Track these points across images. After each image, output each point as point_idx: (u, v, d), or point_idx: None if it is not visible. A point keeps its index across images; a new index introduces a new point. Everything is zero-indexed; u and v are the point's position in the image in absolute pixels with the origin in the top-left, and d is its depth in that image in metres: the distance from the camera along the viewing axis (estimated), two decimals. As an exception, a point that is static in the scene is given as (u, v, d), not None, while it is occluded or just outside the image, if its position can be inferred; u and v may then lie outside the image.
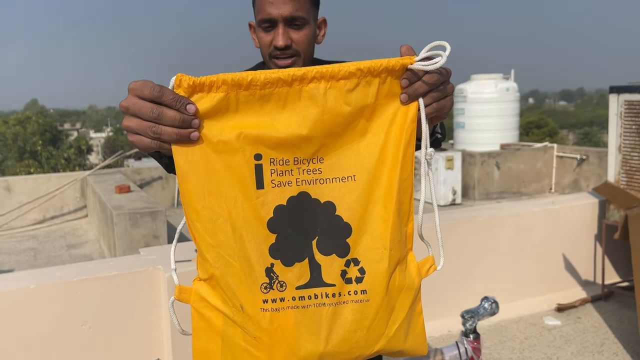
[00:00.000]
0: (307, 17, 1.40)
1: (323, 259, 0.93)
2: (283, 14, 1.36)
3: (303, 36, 1.40)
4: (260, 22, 1.40)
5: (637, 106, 4.15)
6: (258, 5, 1.40)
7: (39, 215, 8.04)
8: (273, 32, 1.39)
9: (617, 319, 4.06)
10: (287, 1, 1.35)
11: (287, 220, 0.92)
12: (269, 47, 1.40)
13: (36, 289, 2.81)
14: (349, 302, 0.94)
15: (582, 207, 4.48)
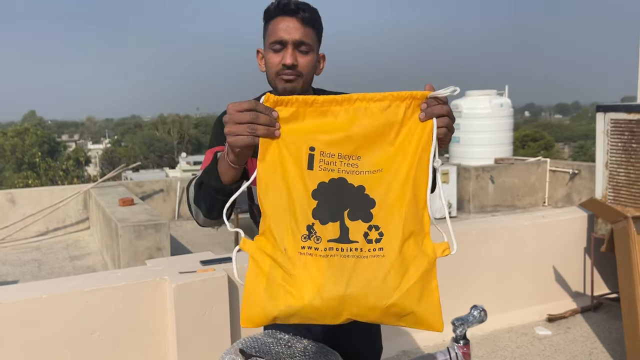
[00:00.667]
0: (313, 45, 1.62)
1: (351, 223, 1.24)
2: (293, 38, 1.58)
3: (307, 60, 1.61)
4: (271, 44, 1.60)
5: (623, 124, 4.34)
6: (271, 30, 1.61)
7: (42, 227, 8.15)
8: (282, 53, 1.59)
9: (606, 329, 4.20)
10: (298, 29, 1.58)
11: (327, 193, 1.26)
12: (277, 66, 1.60)
13: (48, 298, 2.94)
14: (368, 257, 1.22)
15: (571, 221, 4.64)
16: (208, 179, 1.46)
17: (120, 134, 74.05)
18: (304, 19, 1.59)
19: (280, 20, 1.59)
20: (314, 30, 1.63)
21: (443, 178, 8.90)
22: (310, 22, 1.61)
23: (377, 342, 1.99)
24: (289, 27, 1.58)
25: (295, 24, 1.58)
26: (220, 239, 7.88)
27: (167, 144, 61.08)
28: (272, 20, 1.62)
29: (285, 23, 1.59)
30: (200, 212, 1.56)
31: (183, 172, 42.22)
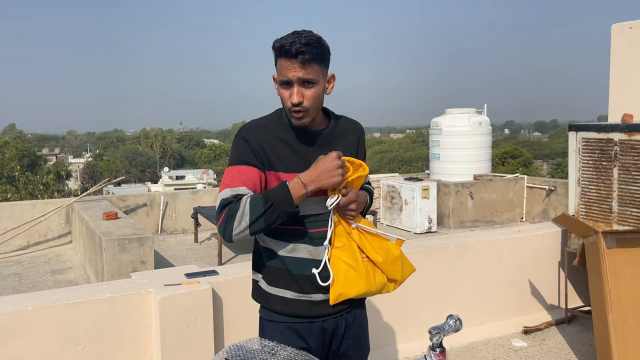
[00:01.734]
0: (317, 78, 1.82)
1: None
2: (297, 76, 1.79)
3: (312, 93, 1.82)
4: (280, 82, 1.83)
5: (593, 143, 4.52)
6: (279, 68, 1.83)
7: (23, 241, 8.09)
8: (290, 91, 1.82)
9: (579, 340, 4.33)
10: (301, 68, 1.78)
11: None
12: (287, 103, 1.84)
13: (33, 310, 2.98)
14: (376, 268, 2.00)
15: (546, 235, 4.79)
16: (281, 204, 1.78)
17: (102, 148, 73.32)
18: (304, 61, 1.77)
19: (284, 62, 1.80)
20: (317, 64, 1.81)
21: (424, 194, 9.05)
22: (311, 60, 1.79)
23: (365, 346, 2.11)
24: (291, 68, 1.78)
25: (297, 64, 1.78)
26: (203, 254, 7.90)
27: (150, 158, 60.64)
28: (278, 57, 1.82)
29: (288, 64, 1.79)
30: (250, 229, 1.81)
31: (165, 186, 41.93)
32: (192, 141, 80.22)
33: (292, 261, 1.92)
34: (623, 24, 5.15)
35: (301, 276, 1.92)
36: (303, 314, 1.95)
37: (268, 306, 1.99)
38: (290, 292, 1.93)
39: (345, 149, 1.96)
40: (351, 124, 2.06)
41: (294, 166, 1.87)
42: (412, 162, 49.17)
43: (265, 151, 1.87)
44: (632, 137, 4.22)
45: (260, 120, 1.95)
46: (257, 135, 1.88)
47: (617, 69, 5.18)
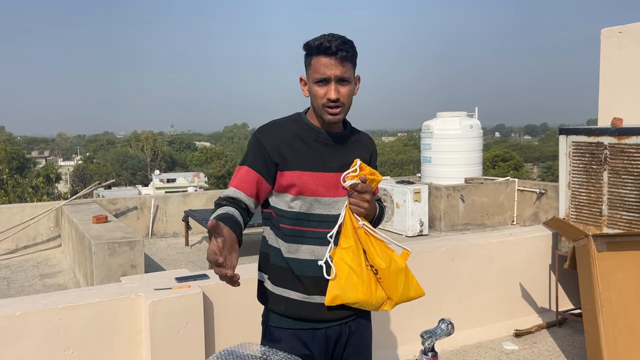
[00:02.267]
0: (351, 77, 1.89)
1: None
2: (335, 74, 1.84)
3: (347, 91, 1.89)
4: (316, 79, 1.86)
5: (583, 147, 4.55)
6: (315, 66, 1.86)
7: (11, 245, 8.01)
8: (326, 88, 1.86)
9: (570, 343, 4.35)
10: (338, 66, 1.84)
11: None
12: (322, 99, 1.87)
13: (21, 315, 2.94)
14: (378, 282, 1.96)
15: (536, 238, 4.80)
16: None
17: (92, 151, 72.96)
18: (342, 58, 1.83)
19: (323, 59, 1.84)
20: (351, 64, 1.88)
21: (415, 197, 9.07)
22: (348, 58, 1.85)
23: (366, 355, 2.11)
24: (330, 65, 1.83)
25: (336, 62, 1.83)
26: (194, 257, 7.86)
27: (140, 161, 60.38)
28: (314, 56, 1.86)
29: (327, 61, 1.84)
30: None
31: (156, 189, 41.73)
32: (183, 144, 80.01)
33: (295, 262, 1.93)
34: (613, 28, 5.19)
35: (305, 277, 1.93)
36: (308, 318, 1.94)
37: (272, 307, 1.98)
38: (295, 293, 1.94)
39: (359, 156, 2.00)
40: (366, 137, 2.11)
41: (311, 164, 1.91)
42: (403, 165, 49.33)
43: (280, 150, 1.90)
44: (621, 141, 4.25)
45: (279, 120, 1.99)
46: (273, 134, 1.92)
47: (606, 73, 5.22)
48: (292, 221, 1.92)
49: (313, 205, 1.91)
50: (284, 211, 1.93)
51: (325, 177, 1.91)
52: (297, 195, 1.90)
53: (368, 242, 1.93)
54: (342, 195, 1.93)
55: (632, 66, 5.00)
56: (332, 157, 1.93)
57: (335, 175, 1.92)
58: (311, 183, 1.90)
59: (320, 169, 1.91)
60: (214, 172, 42.60)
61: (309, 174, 1.89)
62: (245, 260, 7.37)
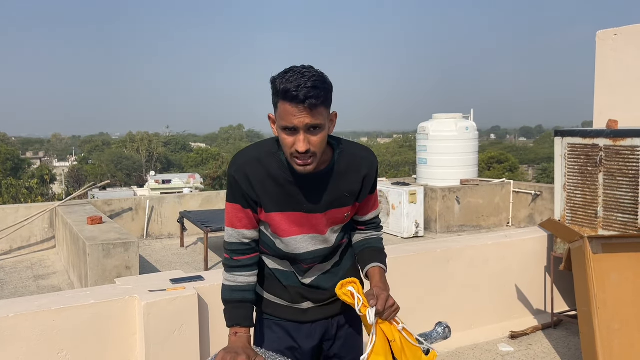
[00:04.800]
0: (323, 123, 1.66)
1: None
2: (304, 123, 1.62)
3: (319, 139, 1.67)
4: (283, 127, 1.65)
5: (579, 148, 4.56)
6: (281, 112, 1.64)
7: (5, 246, 7.96)
8: (295, 137, 1.65)
9: (565, 345, 4.35)
10: (308, 114, 1.61)
11: None
12: (290, 148, 1.67)
13: (15, 317, 2.92)
14: None
15: (532, 240, 4.81)
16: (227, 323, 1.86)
17: (87, 152, 72.74)
18: (312, 106, 1.61)
19: (289, 107, 1.62)
20: (324, 107, 1.66)
21: (411, 199, 9.07)
22: (319, 104, 1.63)
23: (357, 348, 2.09)
24: (299, 113, 1.61)
25: (305, 110, 1.61)
26: (189, 259, 7.83)
27: (136, 162, 60.23)
28: (280, 100, 1.64)
29: (295, 110, 1.61)
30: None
31: (151, 190, 41.64)
32: (178, 145, 79.89)
33: (280, 273, 1.96)
34: (608, 30, 5.21)
35: (290, 287, 1.95)
36: (293, 320, 1.98)
37: (260, 307, 2.01)
38: (283, 300, 1.97)
39: (345, 189, 1.85)
40: (357, 159, 1.87)
41: (285, 206, 1.82)
42: (399, 167, 49.38)
43: (255, 189, 1.80)
44: (617, 143, 4.26)
45: (253, 153, 1.83)
46: (247, 174, 1.79)
47: (602, 75, 5.24)
48: (272, 250, 1.92)
49: (290, 245, 1.87)
50: (268, 238, 1.92)
51: (299, 217, 1.83)
52: (274, 233, 1.87)
53: (403, 354, 1.80)
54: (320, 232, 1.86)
55: (628, 68, 5.02)
56: (308, 198, 1.81)
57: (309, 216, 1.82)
58: (284, 224, 1.83)
59: (295, 209, 1.81)
60: (210, 173, 42.55)
61: (281, 214, 1.81)
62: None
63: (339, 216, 1.88)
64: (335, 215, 1.87)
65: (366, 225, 2.02)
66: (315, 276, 1.94)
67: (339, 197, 1.85)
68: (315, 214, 1.82)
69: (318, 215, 1.83)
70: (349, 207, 1.89)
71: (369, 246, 1.99)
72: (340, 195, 1.84)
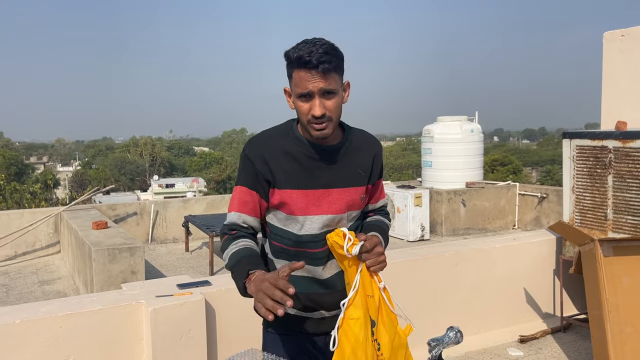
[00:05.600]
0: (337, 88, 1.72)
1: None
2: (318, 87, 1.68)
3: (334, 104, 1.72)
4: (299, 94, 1.71)
5: (587, 150, 4.52)
6: (296, 80, 1.70)
7: (10, 251, 7.96)
8: (310, 103, 1.70)
9: (575, 349, 4.30)
10: (321, 78, 1.67)
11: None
12: (307, 115, 1.72)
13: (21, 323, 2.90)
14: (379, 355, 1.79)
15: (540, 243, 4.77)
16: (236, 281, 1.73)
17: (90, 156, 72.94)
18: (325, 70, 1.66)
19: (304, 73, 1.68)
20: (336, 73, 1.71)
21: (416, 202, 9.04)
22: (332, 69, 1.68)
23: None
24: (312, 79, 1.67)
25: (318, 75, 1.67)
26: (194, 263, 7.81)
27: (139, 167, 60.34)
28: (294, 69, 1.70)
29: (308, 76, 1.67)
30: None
31: (155, 194, 41.67)
32: (181, 149, 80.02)
33: (291, 279, 1.85)
34: (615, 32, 5.17)
35: (300, 294, 1.86)
36: (306, 332, 1.90)
37: (266, 322, 1.93)
38: (293, 309, 1.88)
39: (358, 166, 1.88)
40: (367, 139, 1.95)
41: (302, 183, 1.80)
42: (402, 170, 49.33)
43: (270, 167, 1.79)
44: (626, 145, 4.22)
45: (268, 133, 1.87)
46: (262, 151, 1.81)
47: (609, 76, 5.20)
48: (285, 240, 1.85)
49: (305, 225, 1.82)
50: (277, 228, 1.86)
51: (317, 194, 1.81)
52: (288, 214, 1.82)
53: (379, 313, 1.80)
54: (337, 212, 1.84)
55: (635, 69, 4.98)
56: (324, 173, 1.81)
57: (327, 192, 1.82)
58: (301, 202, 1.80)
59: (311, 186, 1.80)
60: (213, 177, 42.57)
61: (298, 192, 1.80)
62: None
63: (356, 197, 1.88)
64: (352, 195, 1.87)
65: (375, 212, 2.07)
66: (333, 272, 1.87)
67: (354, 173, 1.87)
68: (332, 190, 1.83)
69: (335, 192, 1.83)
70: (363, 187, 1.90)
71: (372, 221, 2.01)
72: (354, 171, 1.87)
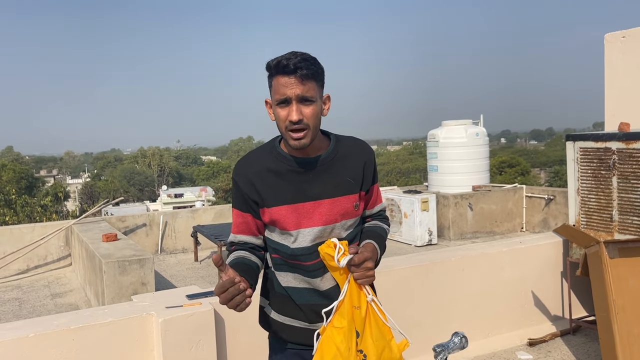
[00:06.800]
0: (315, 97, 1.76)
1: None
2: (295, 93, 1.72)
3: (311, 111, 1.75)
4: (277, 101, 1.75)
5: (591, 152, 4.53)
6: (275, 87, 1.76)
7: (22, 265, 8.05)
8: (288, 109, 1.74)
9: (585, 351, 4.30)
10: (299, 84, 1.72)
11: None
12: (285, 121, 1.75)
13: (35, 337, 2.95)
14: None
15: (547, 246, 4.77)
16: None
17: (99, 168, 73.43)
18: (303, 76, 1.72)
19: (282, 79, 1.73)
20: (314, 81, 1.76)
21: (423, 206, 9.05)
22: (310, 76, 1.74)
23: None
24: (290, 84, 1.72)
25: (296, 81, 1.72)
26: (204, 273, 7.86)
27: (148, 177, 60.68)
28: (274, 77, 1.76)
29: (286, 81, 1.73)
30: None
31: (164, 205, 41.87)
32: (189, 159, 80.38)
33: (294, 291, 1.90)
34: (616, 33, 5.19)
35: (305, 305, 1.89)
36: (311, 344, 1.90)
37: (275, 333, 1.96)
38: (297, 321, 1.91)
39: (347, 175, 1.88)
40: (357, 146, 1.95)
41: (290, 198, 1.82)
42: (409, 174, 49.26)
43: (256, 187, 1.84)
44: (629, 146, 4.23)
45: (253, 153, 1.93)
46: (246, 173, 1.86)
47: (611, 78, 5.21)
48: (282, 253, 1.88)
49: (297, 238, 1.84)
50: (275, 242, 1.90)
51: (307, 207, 1.83)
52: (282, 229, 1.85)
53: (366, 324, 1.77)
54: (329, 222, 1.86)
55: (637, 70, 4.99)
56: (312, 185, 1.83)
57: (317, 204, 1.83)
58: (292, 217, 1.82)
59: (300, 199, 1.82)
60: (221, 186, 42.72)
61: (287, 207, 1.82)
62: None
63: (348, 205, 1.88)
64: (343, 204, 1.87)
65: (373, 217, 2.07)
66: (333, 284, 1.88)
67: (343, 182, 1.87)
68: (322, 201, 1.83)
69: (325, 203, 1.84)
70: (355, 195, 1.90)
71: (370, 227, 2.02)
72: (343, 180, 1.87)
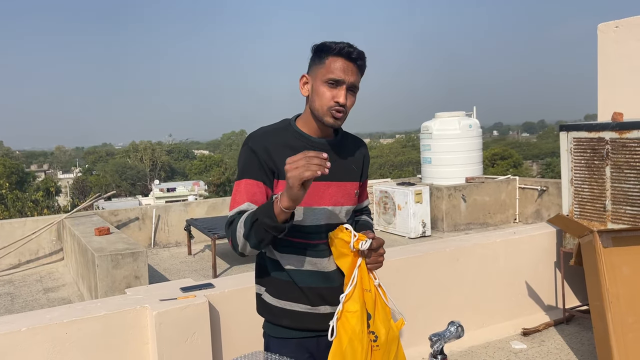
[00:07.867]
0: (358, 89, 1.86)
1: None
2: (349, 80, 1.79)
3: (352, 101, 1.85)
4: (328, 79, 1.79)
5: (585, 142, 4.54)
6: (330, 67, 1.79)
7: (14, 260, 7.99)
8: (337, 90, 1.79)
9: (578, 340, 4.33)
10: (355, 73, 1.81)
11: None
12: (329, 101, 1.80)
13: (27, 331, 2.92)
14: (374, 347, 1.87)
15: (541, 236, 4.79)
16: (264, 218, 1.66)
17: (91, 163, 73.07)
18: (359, 67, 1.81)
19: (342, 62, 1.78)
20: (361, 76, 1.85)
21: (417, 198, 9.05)
22: (362, 70, 1.84)
23: None
24: (348, 70, 1.78)
25: (354, 69, 1.80)
26: (197, 267, 7.84)
27: (140, 172, 60.44)
28: (331, 56, 1.79)
29: (345, 65, 1.78)
30: (248, 244, 1.74)
31: (157, 199, 41.72)
32: (181, 153, 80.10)
33: (297, 273, 1.88)
34: (609, 23, 5.19)
35: (308, 288, 1.88)
36: (313, 328, 1.91)
37: (274, 321, 1.94)
38: (299, 304, 1.89)
39: (353, 162, 1.98)
40: (357, 140, 2.06)
41: None
42: (402, 167, 49.35)
43: (274, 158, 1.82)
44: (623, 136, 4.24)
45: (268, 128, 1.92)
46: (265, 142, 1.84)
47: (604, 68, 5.22)
48: (290, 232, 1.83)
49: (307, 216, 1.84)
50: None
51: (318, 186, 1.84)
52: None
53: (375, 307, 1.88)
54: (337, 204, 1.89)
55: (630, 60, 5.00)
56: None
57: (327, 184, 1.86)
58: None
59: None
60: (214, 180, 42.62)
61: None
62: (248, 267, 7.35)
63: (351, 191, 1.96)
64: (349, 189, 1.95)
65: (361, 212, 2.20)
66: (336, 267, 1.89)
67: (350, 168, 1.96)
68: (332, 182, 1.88)
69: (334, 185, 1.89)
70: (357, 183, 1.99)
71: (364, 222, 2.15)
72: (350, 166, 1.96)
